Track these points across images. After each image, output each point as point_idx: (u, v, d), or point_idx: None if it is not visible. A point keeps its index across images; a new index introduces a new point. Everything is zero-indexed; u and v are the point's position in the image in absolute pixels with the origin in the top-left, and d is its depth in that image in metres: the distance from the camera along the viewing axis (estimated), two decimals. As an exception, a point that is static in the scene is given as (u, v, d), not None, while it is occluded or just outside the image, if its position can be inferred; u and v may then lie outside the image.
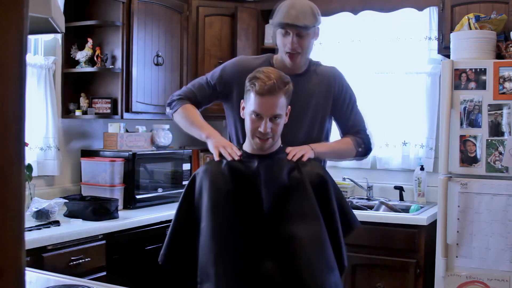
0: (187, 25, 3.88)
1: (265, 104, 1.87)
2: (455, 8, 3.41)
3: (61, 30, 1.53)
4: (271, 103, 1.87)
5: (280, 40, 2.12)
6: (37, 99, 3.25)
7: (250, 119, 1.91)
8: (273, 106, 1.87)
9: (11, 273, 0.54)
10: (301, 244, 1.84)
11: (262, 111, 1.87)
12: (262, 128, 1.88)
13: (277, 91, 1.86)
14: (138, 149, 3.48)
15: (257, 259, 1.84)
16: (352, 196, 3.97)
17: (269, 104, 1.87)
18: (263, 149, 1.94)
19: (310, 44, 2.14)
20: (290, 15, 2.05)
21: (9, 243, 0.54)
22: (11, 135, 0.54)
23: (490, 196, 3.00)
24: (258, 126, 1.89)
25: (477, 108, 3.04)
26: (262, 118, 1.88)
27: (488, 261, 3.00)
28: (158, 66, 3.65)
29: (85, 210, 2.96)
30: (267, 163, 1.94)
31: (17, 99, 0.54)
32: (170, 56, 3.75)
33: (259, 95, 1.86)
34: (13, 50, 0.54)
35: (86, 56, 3.39)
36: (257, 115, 1.89)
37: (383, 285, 3.25)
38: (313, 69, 2.22)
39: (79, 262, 2.66)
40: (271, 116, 1.88)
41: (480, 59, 3.07)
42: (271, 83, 1.86)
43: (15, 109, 0.54)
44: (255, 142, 1.93)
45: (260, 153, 1.96)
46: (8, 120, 0.54)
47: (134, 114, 3.51)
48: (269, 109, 1.87)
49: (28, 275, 1.75)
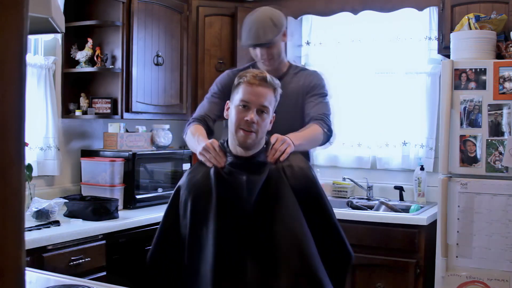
0: (187, 25, 3.88)
1: (255, 92, 1.84)
2: (455, 8, 3.41)
3: (61, 30, 1.53)
4: (261, 92, 1.84)
5: (252, 52, 2.37)
6: (37, 99, 3.25)
7: (237, 110, 1.86)
8: (262, 95, 1.84)
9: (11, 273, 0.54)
10: (281, 243, 1.81)
11: (251, 99, 1.84)
12: (249, 117, 1.82)
13: (268, 84, 1.86)
14: (138, 149, 3.48)
15: (242, 264, 1.82)
16: (352, 196, 3.97)
17: (259, 93, 1.84)
18: (246, 145, 1.86)
19: (279, 49, 2.34)
20: (251, 35, 2.26)
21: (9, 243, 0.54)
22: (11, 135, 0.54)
23: (490, 196, 3.00)
24: (244, 116, 1.83)
25: (477, 108, 3.04)
26: (249, 109, 1.84)
27: (488, 261, 3.00)
28: (158, 66, 3.65)
29: (85, 210, 2.96)
30: (250, 169, 1.88)
31: (17, 99, 0.54)
32: (170, 56, 3.75)
33: (249, 84, 1.85)
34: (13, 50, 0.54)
35: (86, 56, 3.39)
36: (244, 105, 1.84)
37: (383, 285, 3.25)
38: (292, 72, 2.41)
39: (79, 262, 2.66)
40: (259, 107, 1.84)
41: (480, 59, 3.07)
42: (264, 75, 1.88)
43: (15, 109, 0.54)
44: (239, 135, 1.85)
45: (243, 155, 1.90)
46: (8, 120, 0.54)
47: (134, 114, 3.51)
48: (258, 97, 1.84)
49: (28, 275, 1.75)
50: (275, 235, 1.81)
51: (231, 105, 1.92)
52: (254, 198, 1.84)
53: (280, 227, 1.82)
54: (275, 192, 1.86)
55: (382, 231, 3.25)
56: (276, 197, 1.85)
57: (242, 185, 1.85)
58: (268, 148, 1.93)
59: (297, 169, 1.91)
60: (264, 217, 1.84)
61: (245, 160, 1.90)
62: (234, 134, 1.88)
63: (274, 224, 1.83)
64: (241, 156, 1.91)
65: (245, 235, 1.82)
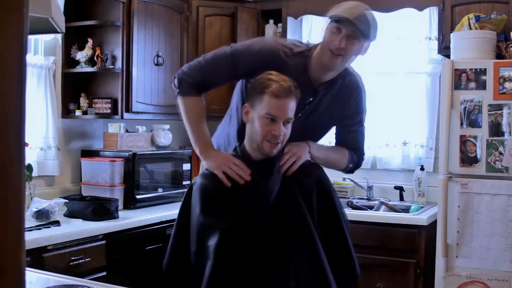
0: (187, 25, 3.88)
1: (282, 106, 1.80)
2: (455, 8, 3.41)
3: (61, 30, 1.53)
4: (287, 105, 1.81)
5: (328, 35, 1.94)
6: (37, 99, 3.25)
7: (263, 122, 1.82)
8: (288, 109, 1.81)
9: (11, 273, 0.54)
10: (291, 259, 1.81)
11: (278, 113, 1.80)
12: (277, 131, 1.81)
13: (292, 93, 1.82)
14: (138, 149, 3.48)
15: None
16: (352, 196, 3.97)
17: (285, 107, 1.81)
18: (272, 155, 1.87)
19: (355, 52, 1.97)
20: (350, 13, 1.90)
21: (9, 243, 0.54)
22: (11, 135, 0.54)
23: (490, 196, 3.00)
24: (272, 130, 1.81)
25: (477, 108, 3.04)
26: (275, 121, 1.81)
27: (488, 261, 3.00)
28: (158, 66, 3.65)
29: (85, 210, 2.96)
30: (266, 174, 1.89)
31: (17, 99, 0.54)
32: (170, 56, 3.75)
33: (275, 97, 1.79)
34: (13, 50, 0.54)
35: (86, 56, 3.39)
36: (271, 118, 1.81)
37: (383, 285, 3.25)
38: (340, 82, 2.07)
39: (79, 262, 2.66)
40: (285, 120, 1.82)
41: (480, 59, 3.07)
42: (287, 85, 1.80)
43: (15, 109, 0.54)
44: (265, 146, 1.84)
45: (260, 158, 1.90)
46: (8, 120, 0.54)
47: (134, 114, 3.51)
48: (285, 111, 1.81)
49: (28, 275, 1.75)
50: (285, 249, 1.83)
51: (253, 113, 1.85)
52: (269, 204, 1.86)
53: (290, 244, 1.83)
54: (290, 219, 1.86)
55: (382, 231, 3.25)
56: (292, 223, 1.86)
57: (262, 190, 1.86)
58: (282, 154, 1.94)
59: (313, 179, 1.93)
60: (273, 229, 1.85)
61: (262, 163, 1.91)
62: (259, 144, 1.85)
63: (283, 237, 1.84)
64: (257, 161, 1.91)
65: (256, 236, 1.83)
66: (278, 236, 1.83)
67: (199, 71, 2.03)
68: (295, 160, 1.93)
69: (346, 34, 1.90)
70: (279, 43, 2.04)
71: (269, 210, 1.85)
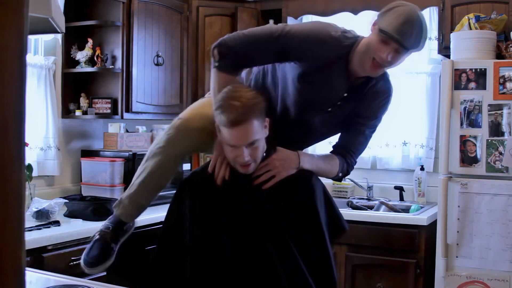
0: (187, 25, 3.88)
1: (238, 135, 1.73)
2: (455, 8, 3.41)
3: (61, 30, 1.53)
4: (243, 133, 1.72)
5: (376, 43, 1.82)
6: (37, 99, 3.25)
7: (227, 149, 1.80)
8: (246, 135, 1.73)
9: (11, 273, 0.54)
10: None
11: (238, 142, 1.74)
12: (241, 158, 1.76)
13: (247, 118, 1.71)
14: (138, 149, 3.48)
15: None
16: (352, 196, 3.97)
17: (242, 135, 1.73)
18: (248, 173, 1.84)
19: (398, 64, 1.87)
20: (403, 31, 1.77)
21: (9, 243, 0.54)
22: (11, 135, 0.54)
23: (490, 196, 3.00)
24: (237, 156, 1.77)
25: (477, 108, 3.04)
26: (238, 148, 1.76)
27: (488, 261, 3.00)
28: (158, 66, 3.65)
29: (85, 210, 2.96)
30: (247, 187, 1.86)
31: (17, 99, 0.54)
32: (170, 56, 3.75)
33: (232, 127, 1.71)
34: (13, 50, 0.54)
35: (86, 56, 3.39)
36: (232, 145, 1.76)
37: (383, 285, 3.25)
38: (373, 82, 1.97)
39: (79, 262, 2.65)
40: (247, 145, 1.76)
41: (480, 59, 3.07)
42: (238, 112, 1.70)
43: (15, 109, 0.54)
44: (238, 167, 1.82)
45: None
46: (8, 120, 0.54)
47: (134, 114, 3.51)
48: (242, 139, 1.74)
49: (28, 275, 1.75)
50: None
51: (220, 136, 1.80)
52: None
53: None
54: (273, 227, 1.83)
55: (382, 231, 3.25)
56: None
57: (239, 194, 1.86)
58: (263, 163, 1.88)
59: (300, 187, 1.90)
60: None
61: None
62: (232, 165, 1.84)
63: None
64: None
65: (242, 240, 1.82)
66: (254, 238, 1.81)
67: (246, 48, 1.87)
68: (273, 174, 1.85)
69: (394, 48, 1.80)
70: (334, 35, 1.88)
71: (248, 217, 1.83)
